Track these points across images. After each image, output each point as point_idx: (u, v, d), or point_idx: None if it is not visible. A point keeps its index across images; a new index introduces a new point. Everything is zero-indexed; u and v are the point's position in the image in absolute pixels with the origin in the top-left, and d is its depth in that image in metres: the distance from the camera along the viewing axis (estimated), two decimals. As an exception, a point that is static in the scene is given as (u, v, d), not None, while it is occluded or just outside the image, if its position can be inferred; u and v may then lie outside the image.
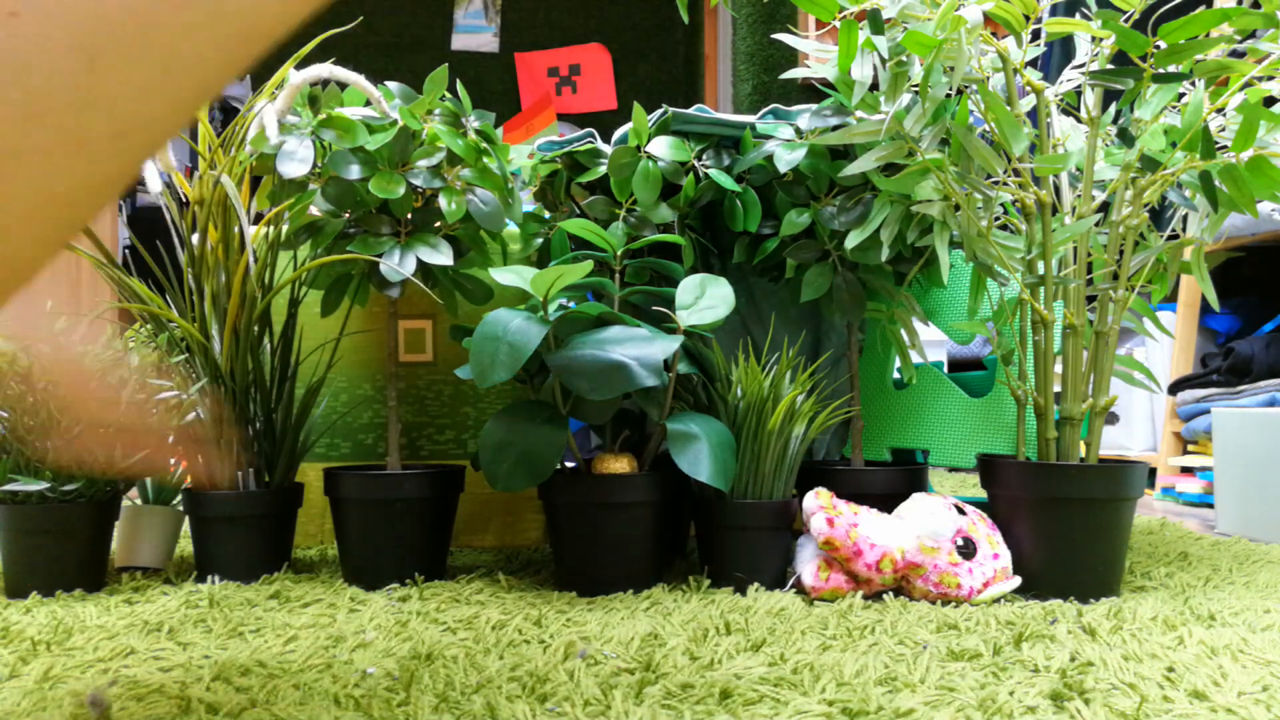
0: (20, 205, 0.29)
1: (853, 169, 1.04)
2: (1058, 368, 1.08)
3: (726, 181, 1.13)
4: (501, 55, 3.99)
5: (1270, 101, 1.76)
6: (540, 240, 1.25)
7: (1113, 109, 1.10)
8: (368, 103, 1.12)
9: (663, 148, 1.15)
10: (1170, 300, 2.30)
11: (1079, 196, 1.07)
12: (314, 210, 1.12)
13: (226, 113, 3.31)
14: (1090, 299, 1.10)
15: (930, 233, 1.08)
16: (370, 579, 1.10)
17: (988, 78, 1.03)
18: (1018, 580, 1.03)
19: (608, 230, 1.15)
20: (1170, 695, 0.68)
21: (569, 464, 1.20)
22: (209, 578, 1.10)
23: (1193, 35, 0.92)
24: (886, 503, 1.12)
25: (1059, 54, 2.47)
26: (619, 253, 1.12)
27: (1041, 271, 1.06)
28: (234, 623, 0.89)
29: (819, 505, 1.02)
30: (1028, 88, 1.06)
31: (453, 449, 1.41)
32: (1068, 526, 1.02)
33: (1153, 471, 2.31)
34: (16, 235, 0.29)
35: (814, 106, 1.15)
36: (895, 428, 1.34)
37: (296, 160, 1.06)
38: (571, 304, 1.04)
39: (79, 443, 1.00)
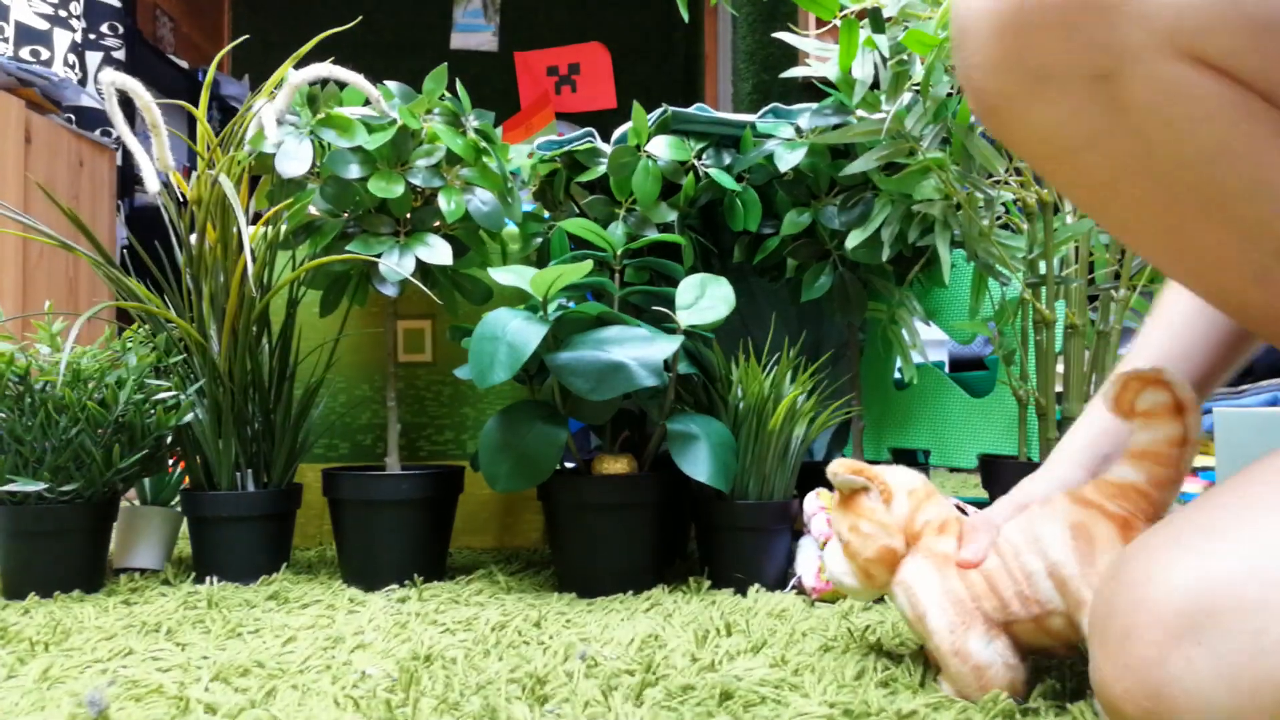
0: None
1: (853, 168, 1.04)
2: (1060, 368, 1.08)
3: (727, 181, 1.13)
4: (501, 55, 3.99)
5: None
6: (540, 240, 1.25)
7: (1114, 108, 1.09)
8: (367, 102, 1.12)
9: (662, 147, 1.14)
10: (1171, 300, 2.29)
11: (1080, 196, 1.06)
12: (313, 210, 1.12)
13: (225, 112, 3.30)
14: (1092, 298, 1.10)
15: (931, 232, 1.08)
16: (369, 580, 1.10)
17: (989, 77, 1.03)
18: (1019, 581, 1.02)
19: (607, 230, 1.15)
20: (1173, 697, 0.67)
21: (569, 464, 1.20)
22: (207, 578, 1.10)
23: (1195, 34, 0.92)
24: (887, 503, 1.11)
25: (1059, 53, 2.47)
26: (619, 252, 1.12)
27: (1043, 271, 1.05)
28: (232, 623, 0.89)
29: (820, 506, 1.02)
30: (1029, 87, 1.06)
31: (452, 449, 1.41)
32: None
33: (1153, 471, 2.30)
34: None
35: (814, 106, 1.15)
36: (896, 428, 1.34)
37: (295, 160, 1.05)
38: (571, 304, 1.03)
39: None
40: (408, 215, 1.12)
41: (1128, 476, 0.64)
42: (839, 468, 0.73)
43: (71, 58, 2.37)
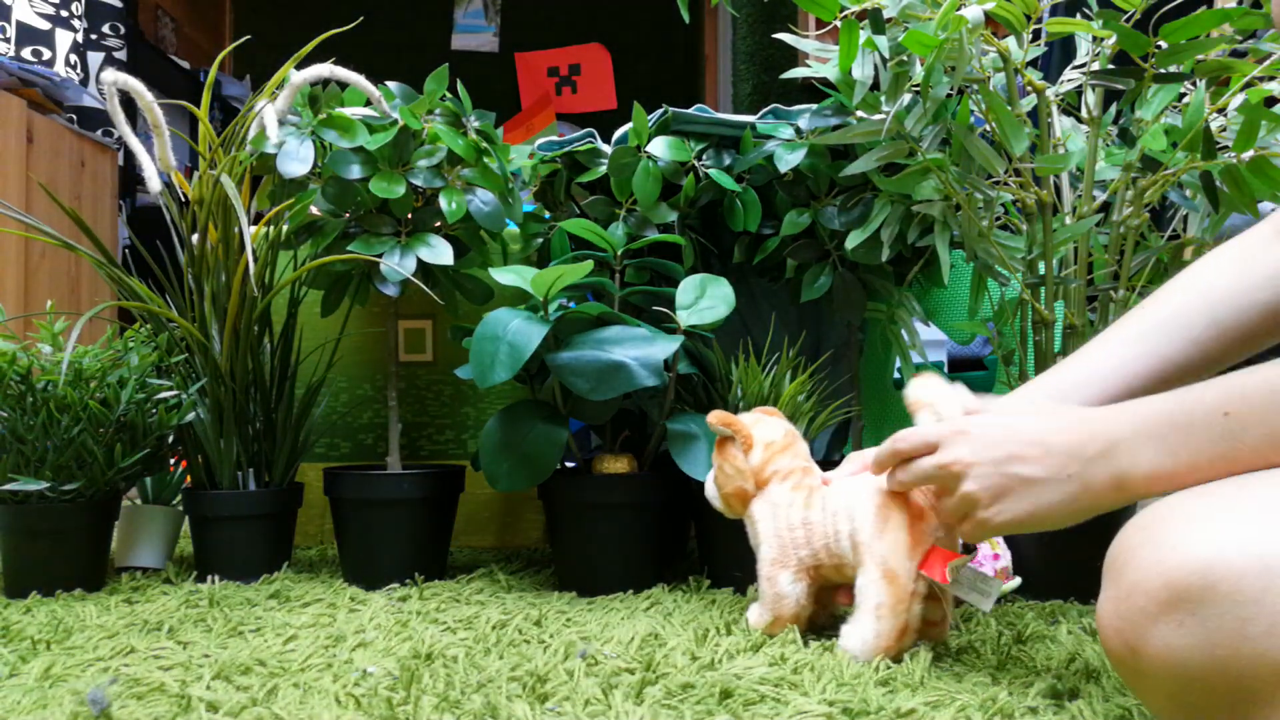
0: None
1: (853, 169, 1.04)
2: (1058, 368, 1.08)
3: (727, 181, 1.13)
4: (501, 55, 3.99)
5: (1271, 102, 1.75)
6: (540, 240, 1.25)
7: (1113, 109, 1.09)
8: (368, 102, 1.12)
9: (663, 148, 1.15)
10: (1170, 300, 2.29)
11: (1080, 196, 1.06)
12: (314, 210, 1.12)
13: (227, 112, 3.30)
14: (1091, 299, 1.10)
15: (931, 233, 1.08)
16: (370, 579, 1.10)
17: (989, 77, 1.03)
18: (1018, 580, 1.03)
19: (608, 230, 1.15)
20: (1171, 695, 0.68)
21: (569, 464, 1.20)
22: (209, 577, 1.10)
23: (1194, 35, 0.92)
24: (887, 503, 1.11)
25: (1059, 54, 2.47)
26: (619, 253, 1.12)
27: (1042, 271, 1.06)
28: (234, 622, 0.89)
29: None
30: (1029, 87, 1.06)
31: (453, 449, 1.41)
32: (1068, 526, 1.01)
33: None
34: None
35: (814, 106, 1.15)
36: (895, 427, 1.34)
37: (297, 160, 1.06)
38: (571, 304, 1.04)
39: None
40: (409, 215, 1.12)
41: None
42: (714, 418, 0.87)
43: (73, 58, 2.37)
